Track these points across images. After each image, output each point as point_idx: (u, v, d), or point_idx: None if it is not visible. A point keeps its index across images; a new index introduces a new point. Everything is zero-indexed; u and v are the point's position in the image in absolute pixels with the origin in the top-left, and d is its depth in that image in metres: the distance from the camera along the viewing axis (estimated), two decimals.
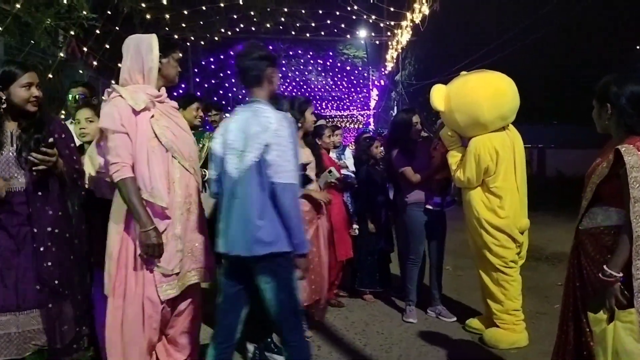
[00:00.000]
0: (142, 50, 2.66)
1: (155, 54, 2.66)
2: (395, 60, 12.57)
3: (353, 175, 5.11)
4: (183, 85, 13.22)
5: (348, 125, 28.36)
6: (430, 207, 4.36)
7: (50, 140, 2.53)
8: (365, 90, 20.66)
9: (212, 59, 13.61)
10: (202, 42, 11.73)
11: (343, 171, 4.86)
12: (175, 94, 13.17)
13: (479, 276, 4.03)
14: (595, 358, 2.26)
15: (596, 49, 20.18)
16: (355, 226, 4.86)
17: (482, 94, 3.83)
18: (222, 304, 2.65)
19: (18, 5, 5.77)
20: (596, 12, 18.58)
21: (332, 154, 5.22)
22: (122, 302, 2.60)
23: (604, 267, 2.19)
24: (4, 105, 2.56)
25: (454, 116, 3.91)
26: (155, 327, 2.67)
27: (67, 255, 2.64)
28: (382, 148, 5.05)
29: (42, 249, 2.53)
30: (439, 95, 4.01)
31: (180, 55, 2.87)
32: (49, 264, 2.54)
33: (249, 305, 2.66)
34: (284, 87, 19.97)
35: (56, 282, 2.55)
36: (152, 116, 2.64)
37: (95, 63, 8.26)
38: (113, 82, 2.96)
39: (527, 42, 13.34)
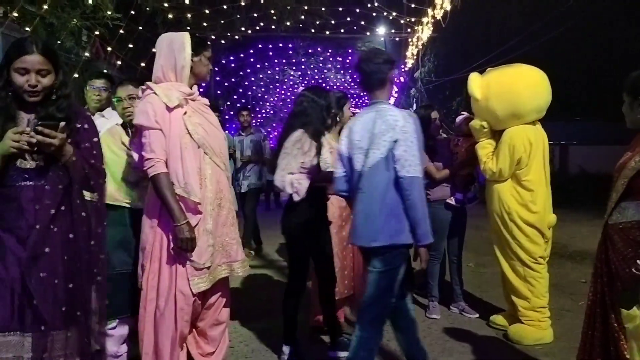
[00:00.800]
0: (175, 49, 2.70)
1: (187, 53, 2.70)
2: (415, 57, 12.54)
3: None
4: (203, 84, 13.37)
5: None
6: (451, 202, 4.38)
7: (62, 123, 2.12)
8: None
9: (232, 58, 13.72)
10: (223, 41, 11.85)
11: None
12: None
13: (503, 273, 4.02)
14: (625, 355, 2.26)
15: (619, 45, 19.89)
16: None
17: (523, 83, 3.86)
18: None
19: (45, 7, 5.92)
20: (622, 6, 18.34)
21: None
22: (155, 295, 2.67)
23: (637, 262, 2.19)
24: (12, 88, 2.16)
25: (492, 104, 3.90)
26: (187, 319, 2.73)
27: (75, 267, 2.23)
28: None
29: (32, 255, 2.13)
30: (476, 84, 4.01)
31: (211, 53, 2.91)
32: (43, 274, 2.14)
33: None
34: (303, 84, 20.05)
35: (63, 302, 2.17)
36: (185, 113, 2.69)
37: (118, 62, 8.41)
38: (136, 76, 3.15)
39: (549, 38, 13.21)
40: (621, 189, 2.34)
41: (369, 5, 9.40)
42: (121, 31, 7.49)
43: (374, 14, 10.08)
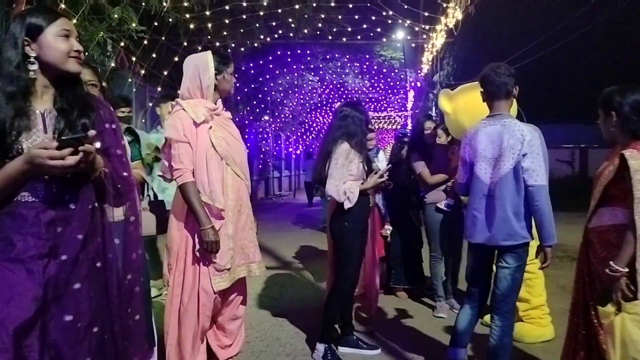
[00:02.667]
0: (199, 70, 2.97)
1: (211, 73, 2.97)
2: (430, 63, 12.68)
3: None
4: None
5: (386, 126, 28.50)
6: (441, 206, 4.65)
7: (92, 132, 1.67)
8: (402, 92, 20.76)
9: (251, 64, 14.00)
10: (242, 49, 12.13)
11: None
12: None
13: None
14: (603, 348, 2.46)
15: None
16: (386, 227, 5.11)
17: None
18: (476, 278, 3.25)
19: (74, 21, 6.24)
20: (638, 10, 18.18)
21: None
22: (180, 291, 2.95)
23: (611, 263, 2.40)
24: (34, 68, 1.75)
25: (459, 117, 4.12)
26: (208, 315, 2.99)
27: (102, 305, 1.80)
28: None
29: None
30: (446, 99, 4.27)
31: (233, 68, 3.13)
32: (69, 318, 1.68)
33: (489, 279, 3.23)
34: (322, 89, 20.28)
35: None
36: (210, 127, 2.96)
37: (142, 72, 8.74)
38: (159, 88, 3.34)
39: (568, 41, 13.17)
40: (598, 196, 2.55)
41: (384, 14, 9.59)
42: (145, 42, 7.80)
43: (389, 22, 10.26)
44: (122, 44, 7.74)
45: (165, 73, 8.98)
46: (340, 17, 10.55)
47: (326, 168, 3.65)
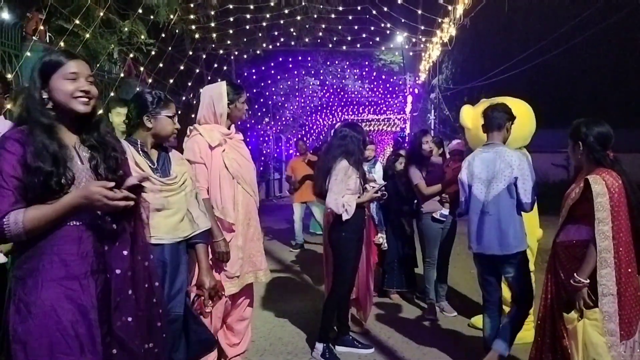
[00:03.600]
0: (214, 99, 3.32)
1: (224, 102, 3.31)
2: (427, 72, 13.03)
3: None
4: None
5: (385, 129, 28.79)
6: (436, 216, 5.00)
7: (145, 180, 2.00)
8: (401, 96, 21.08)
9: (253, 70, 14.35)
10: (245, 56, 12.49)
11: (372, 184, 5.43)
12: None
13: None
14: (568, 351, 2.80)
15: (636, 53, 20.06)
16: (379, 235, 5.44)
17: None
18: (487, 287, 3.72)
19: (87, 35, 6.58)
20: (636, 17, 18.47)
21: (364, 167, 5.81)
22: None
23: (575, 274, 2.74)
24: (49, 106, 1.91)
25: (481, 133, 4.24)
26: (220, 316, 3.35)
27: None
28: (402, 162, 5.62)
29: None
30: (468, 115, 4.53)
31: (245, 97, 3.47)
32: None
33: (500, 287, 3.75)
34: (322, 93, 20.59)
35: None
36: (223, 150, 3.30)
37: (149, 80, 9.08)
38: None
39: (567, 47, 13.34)
40: (565, 214, 2.91)
41: (382, 25, 9.94)
42: (153, 53, 8.14)
43: (388, 32, 10.61)
44: (131, 55, 8.09)
45: (171, 81, 9.33)
46: (340, 27, 10.90)
47: (326, 183, 4.00)
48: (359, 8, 9.45)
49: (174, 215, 2.71)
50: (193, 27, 9.03)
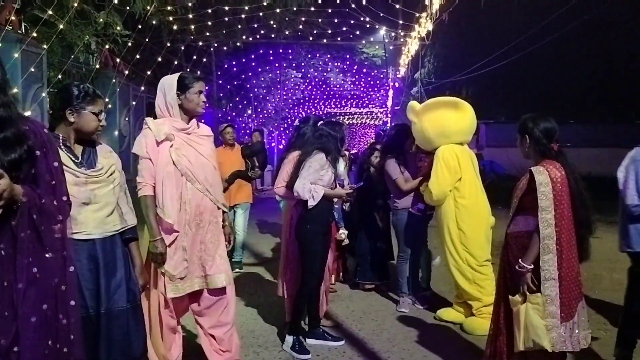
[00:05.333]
0: (165, 90, 3.19)
1: (173, 93, 3.16)
2: (407, 66, 13.10)
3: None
4: (207, 87, 13.96)
5: (368, 122, 28.92)
6: (413, 211, 5.02)
7: None
8: (383, 90, 21.17)
9: (234, 62, 14.28)
10: (225, 48, 12.43)
11: (351, 185, 5.35)
12: None
13: (455, 280, 4.63)
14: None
15: (615, 46, 20.37)
16: (341, 231, 5.38)
17: (451, 108, 4.69)
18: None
19: (61, 27, 6.51)
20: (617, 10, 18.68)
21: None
22: (149, 292, 3.21)
23: (520, 260, 2.86)
24: None
25: (424, 125, 4.65)
26: (171, 315, 3.24)
27: None
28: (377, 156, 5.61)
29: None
30: (413, 109, 4.81)
31: (201, 88, 3.21)
32: None
33: None
34: (304, 86, 20.59)
35: None
36: (172, 145, 3.12)
37: (126, 72, 9.01)
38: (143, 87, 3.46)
39: (546, 42, 13.47)
40: (514, 206, 3.01)
41: (362, 19, 9.96)
42: (129, 44, 8.07)
43: (368, 26, 10.63)
44: (107, 46, 8.02)
45: (149, 72, 9.27)
46: (320, 20, 10.89)
47: (298, 174, 4.00)
48: (337, 1, 9.44)
49: (102, 209, 2.57)
50: (171, 18, 8.95)
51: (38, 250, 1.77)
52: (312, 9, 9.91)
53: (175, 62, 10.38)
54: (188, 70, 11.79)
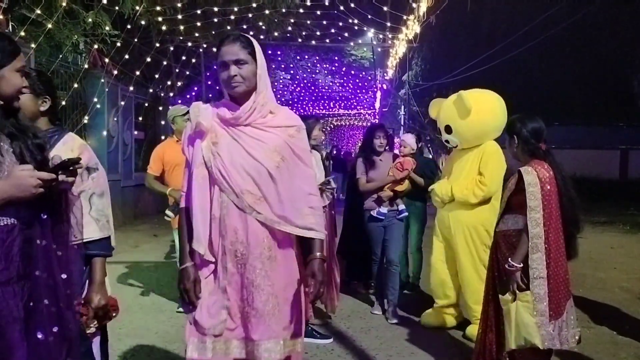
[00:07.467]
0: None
1: None
2: (395, 68, 13.20)
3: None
4: (196, 88, 13.97)
5: (357, 124, 29.03)
6: (374, 214, 4.85)
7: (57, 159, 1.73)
8: (371, 92, 21.29)
9: None
10: (214, 49, 12.41)
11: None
12: (188, 96, 13.84)
13: (469, 284, 4.29)
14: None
15: (598, 50, 20.67)
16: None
17: (496, 102, 4.34)
18: None
19: (49, 26, 6.49)
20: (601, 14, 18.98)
21: None
22: None
23: (509, 259, 2.91)
24: None
25: (486, 118, 4.21)
26: None
27: None
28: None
29: None
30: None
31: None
32: None
33: None
34: (293, 87, 20.63)
35: None
36: (207, 137, 2.27)
37: (115, 72, 8.99)
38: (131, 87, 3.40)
39: (530, 45, 13.61)
40: (503, 205, 3.07)
41: (350, 21, 10.03)
42: (118, 44, 8.06)
43: (356, 28, 10.71)
44: (95, 46, 8.00)
45: (138, 73, 9.25)
46: (309, 22, 10.94)
47: None
48: (326, 3, 9.49)
49: None
50: (160, 18, 8.94)
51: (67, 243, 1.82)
52: (301, 10, 9.96)
53: (165, 63, 10.37)
54: (177, 71, 11.85)
